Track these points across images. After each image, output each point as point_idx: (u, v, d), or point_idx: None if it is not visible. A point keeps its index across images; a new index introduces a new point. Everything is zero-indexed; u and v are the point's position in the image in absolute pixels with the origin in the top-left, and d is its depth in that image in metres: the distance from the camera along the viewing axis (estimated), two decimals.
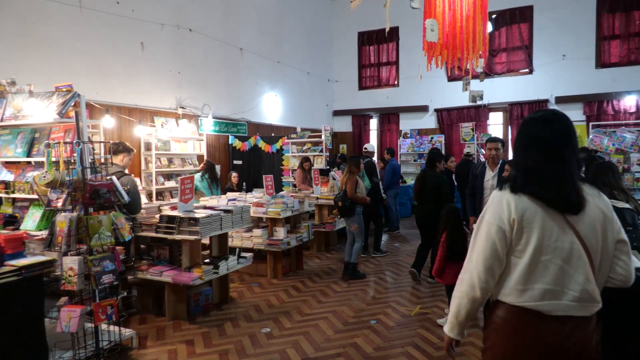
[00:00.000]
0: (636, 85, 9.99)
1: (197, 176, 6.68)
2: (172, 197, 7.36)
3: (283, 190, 8.60)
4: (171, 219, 4.37)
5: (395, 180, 8.72)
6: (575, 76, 10.61)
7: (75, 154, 3.36)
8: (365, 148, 8.72)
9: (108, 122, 6.05)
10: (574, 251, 1.59)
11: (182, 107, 8.06)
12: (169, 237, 4.36)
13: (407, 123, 12.68)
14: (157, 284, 4.48)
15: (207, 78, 8.69)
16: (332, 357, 3.65)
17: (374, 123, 13.42)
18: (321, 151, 9.67)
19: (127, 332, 3.74)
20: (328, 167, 9.16)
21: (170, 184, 7.44)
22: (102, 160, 3.87)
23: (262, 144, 9.72)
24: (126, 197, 3.72)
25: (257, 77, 10.19)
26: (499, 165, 4.66)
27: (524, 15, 11.18)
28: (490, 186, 4.64)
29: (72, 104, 3.66)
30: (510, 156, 7.84)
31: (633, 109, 10.12)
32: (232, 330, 4.21)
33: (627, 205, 2.77)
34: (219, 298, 4.95)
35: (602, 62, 10.50)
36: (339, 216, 6.55)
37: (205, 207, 4.97)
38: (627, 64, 10.23)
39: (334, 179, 8.42)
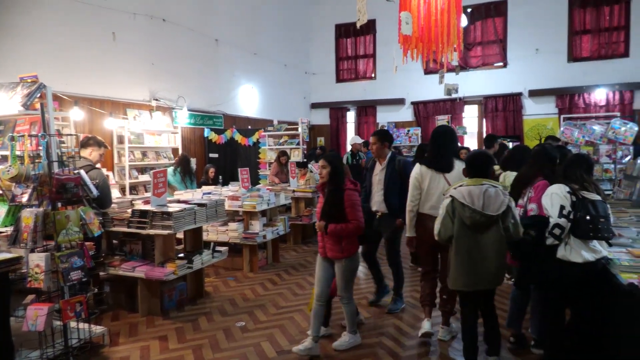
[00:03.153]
0: (606, 79, 10.26)
1: (170, 170, 6.56)
2: (146, 191, 7.23)
3: (260, 184, 8.55)
4: (143, 213, 4.29)
5: None
6: (548, 70, 10.82)
7: (40, 147, 3.26)
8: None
9: (77, 114, 5.88)
10: (444, 188, 3.40)
11: (156, 99, 7.90)
12: (142, 232, 4.28)
13: (384, 116, 12.74)
14: (130, 279, 4.40)
15: (181, 69, 8.53)
16: None
17: (351, 116, 13.45)
18: (298, 144, 9.64)
19: (97, 329, 3.67)
20: (305, 160, 9.15)
21: (144, 177, 7.30)
22: (72, 154, 3.76)
23: (238, 137, 9.62)
24: (95, 192, 3.62)
25: (233, 68, 10.06)
26: (387, 159, 4.31)
27: (499, 9, 11.33)
28: (378, 180, 4.32)
29: (38, 95, 3.52)
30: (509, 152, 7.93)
31: (603, 102, 10.40)
32: (206, 324, 4.18)
33: (598, 198, 2.83)
34: (194, 293, 4.91)
35: (573, 57, 10.75)
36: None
37: (179, 201, 4.89)
38: (598, 58, 10.49)
39: (311, 171, 8.41)
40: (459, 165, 3.59)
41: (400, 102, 12.45)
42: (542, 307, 3.25)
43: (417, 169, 3.74)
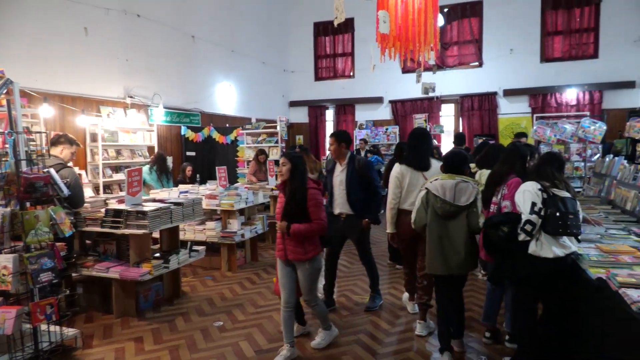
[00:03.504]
0: (576, 80, 10.55)
1: (145, 169, 6.44)
2: (120, 190, 7.08)
3: (238, 182, 8.48)
4: (118, 212, 4.20)
5: None
6: (521, 70, 11.06)
7: (7, 145, 3.15)
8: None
9: (46, 111, 5.70)
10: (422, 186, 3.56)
11: (131, 97, 7.74)
12: (116, 231, 4.19)
13: (362, 114, 12.80)
14: (104, 280, 4.31)
15: (157, 66, 8.37)
16: None
17: (330, 114, 13.46)
18: (277, 142, 9.59)
19: (70, 331, 3.57)
20: None
21: (119, 176, 7.15)
22: (42, 152, 3.65)
23: (216, 135, 9.51)
24: (65, 191, 3.53)
25: (211, 66, 9.94)
26: (347, 159, 4.24)
27: (474, 9, 11.51)
28: (339, 182, 4.24)
29: (4, 91, 3.40)
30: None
31: (574, 102, 10.70)
32: (183, 325, 4.12)
33: (567, 194, 2.90)
34: (170, 293, 4.83)
35: (546, 57, 11.01)
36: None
37: (154, 200, 4.81)
38: (569, 58, 10.78)
39: None
40: (435, 164, 3.85)
41: (378, 100, 12.53)
42: (515, 302, 3.33)
43: (398, 169, 3.91)
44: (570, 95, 10.71)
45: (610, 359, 2.37)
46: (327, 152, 12.63)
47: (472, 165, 5.16)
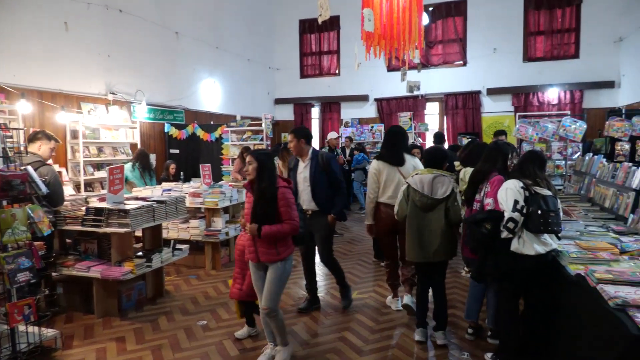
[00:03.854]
0: (558, 79, 10.73)
1: (128, 166, 6.34)
2: (102, 188, 6.96)
3: (223, 180, 8.42)
4: (99, 211, 4.13)
5: None
6: (504, 69, 11.20)
7: None
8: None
9: (24, 107, 5.57)
10: (399, 180, 4.03)
11: (113, 93, 7.61)
12: (97, 230, 4.12)
13: (348, 112, 12.81)
14: (85, 280, 4.23)
15: (140, 62, 8.25)
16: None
17: (315, 112, 13.44)
18: (262, 140, 9.55)
19: (49, 332, 3.50)
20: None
21: (101, 174, 7.03)
22: (20, 149, 3.56)
23: (200, 132, 9.43)
24: (44, 189, 3.46)
25: (195, 62, 9.83)
26: (309, 156, 4.18)
27: (459, 8, 11.60)
28: (303, 178, 4.18)
29: None
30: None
31: (555, 101, 10.87)
32: (166, 324, 4.08)
33: (549, 193, 2.94)
34: (154, 292, 4.78)
35: (528, 57, 11.16)
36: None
37: (137, 198, 4.75)
38: (551, 58, 10.95)
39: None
40: (409, 160, 4.19)
41: (364, 98, 12.56)
42: (498, 299, 3.37)
43: (375, 164, 4.21)
44: (552, 95, 10.89)
45: (587, 357, 2.41)
46: (324, 148, 12.64)
47: (457, 163, 5.21)
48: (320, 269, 4.81)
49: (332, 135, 9.52)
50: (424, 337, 3.62)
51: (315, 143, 13.20)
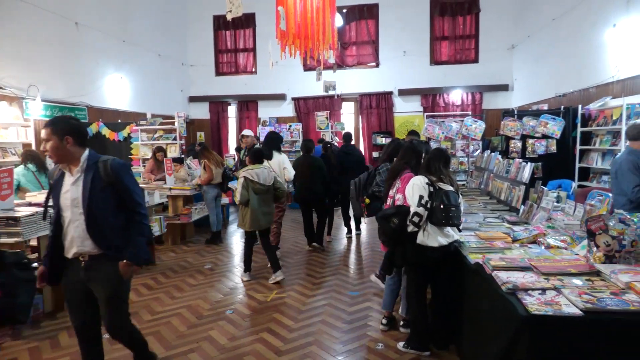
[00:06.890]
0: (461, 82, 11.57)
1: (19, 169, 5.69)
2: None
3: None
4: None
5: None
6: (414, 71, 11.83)
7: None
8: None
9: None
10: (268, 169, 5.33)
11: (1, 88, 6.82)
12: None
13: (265, 111, 12.72)
14: None
15: (33, 54, 7.47)
16: (185, 353, 3.50)
17: (232, 110, 13.17)
18: (175, 139, 9.14)
19: None
20: (183, 156, 8.73)
21: None
22: None
23: (106, 131, 8.79)
24: None
25: (98, 56, 9.13)
26: (82, 163, 2.60)
27: (371, 11, 12.03)
28: (72, 201, 2.58)
29: None
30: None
31: (458, 102, 11.72)
32: (68, 341, 3.74)
33: (451, 188, 3.15)
34: (53, 306, 4.36)
35: (435, 60, 11.89)
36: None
37: (30, 204, 4.30)
38: (455, 62, 11.77)
39: (189, 167, 8.06)
40: (276, 156, 5.94)
41: (281, 97, 12.55)
42: (407, 289, 3.55)
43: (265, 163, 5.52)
44: (456, 96, 11.72)
45: (488, 339, 2.61)
46: (231, 150, 12.33)
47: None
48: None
49: (247, 132, 9.18)
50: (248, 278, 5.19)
51: (232, 143, 12.94)
